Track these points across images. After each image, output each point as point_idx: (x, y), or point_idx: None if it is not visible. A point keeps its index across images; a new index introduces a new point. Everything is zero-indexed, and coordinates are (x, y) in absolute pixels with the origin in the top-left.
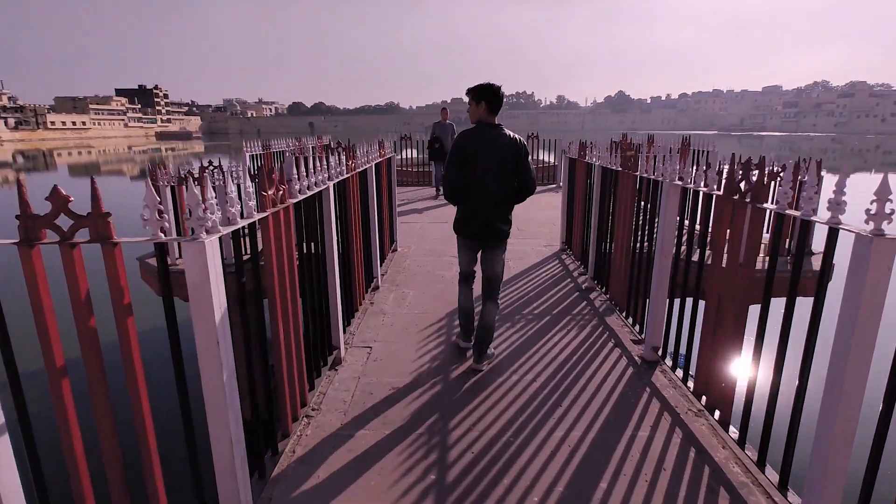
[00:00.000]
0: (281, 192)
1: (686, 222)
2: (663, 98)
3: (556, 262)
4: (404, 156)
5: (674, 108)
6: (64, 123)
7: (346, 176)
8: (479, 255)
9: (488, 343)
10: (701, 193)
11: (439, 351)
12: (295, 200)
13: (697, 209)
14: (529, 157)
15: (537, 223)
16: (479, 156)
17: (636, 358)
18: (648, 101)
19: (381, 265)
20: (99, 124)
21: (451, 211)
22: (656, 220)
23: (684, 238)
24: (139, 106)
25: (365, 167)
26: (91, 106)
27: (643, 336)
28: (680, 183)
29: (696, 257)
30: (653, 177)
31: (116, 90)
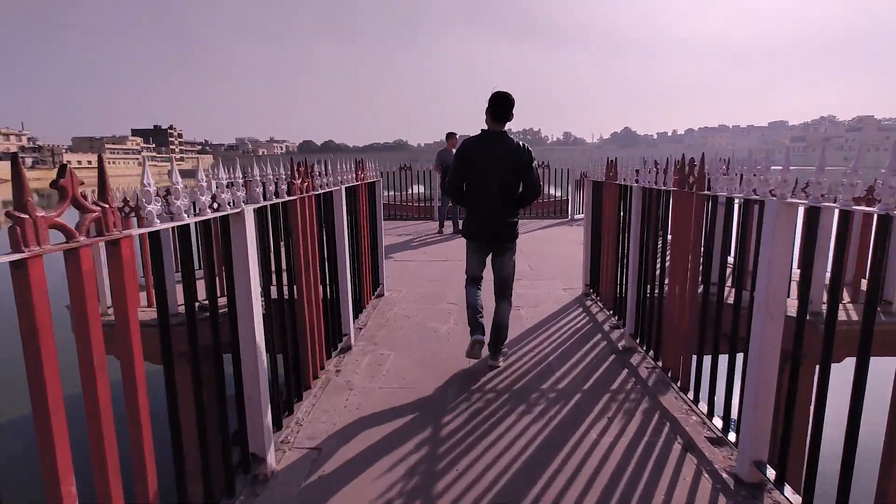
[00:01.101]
0: (103, 212)
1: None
2: (669, 134)
3: (579, 311)
4: (410, 190)
5: (681, 143)
6: (80, 163)
7: (282, 200)
8: (489, 258)
9: (503, 340)
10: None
11: (422, 456)
12: (148, 230)
13: (848, 242)
14: (534, 164)
15: (553, 261)
16: (482, 162)
17: (724, 475)
18: (655, 136)
19: (356, 318)
20: (114, 163)
21: (453, 248)
22: (744, 257)
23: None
24: (154, 145)
25: (329, 190)
26: (107, 146)
27: (733, 438)
28: (803, 201)
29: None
30: (742, 196)
31: (132, 130)
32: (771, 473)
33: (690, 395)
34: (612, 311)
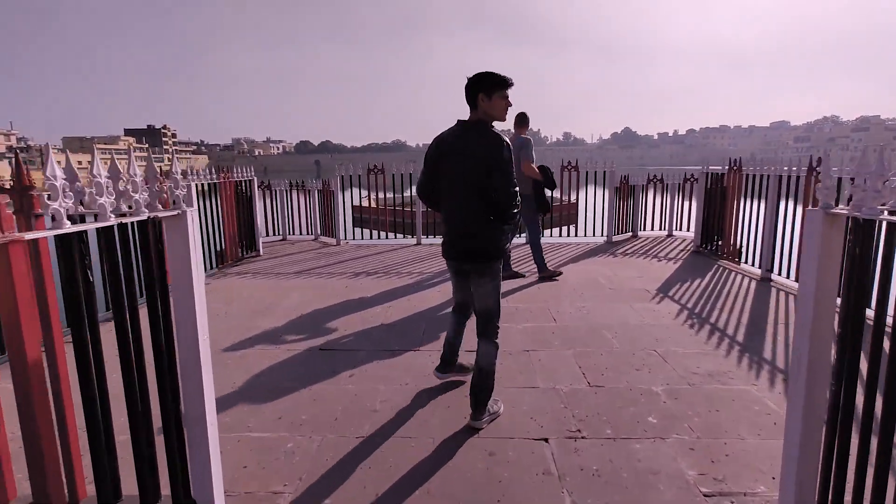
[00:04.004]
0: None
1: None
2: (670, 134)
3: None
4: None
5: (682, 143)
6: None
7: None
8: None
9: (485, 391)
10: None
11: None
12: None
13: None
14: (509, 161)
15: (637, 363)
16: (449, 158)
17: None
18: (655, 136)
19: None
20: (105, 164)
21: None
22: None
23: None
24: (147, 145)
25: None
26: (98, 146)
27: None
28: None
29: None
30: None
31: (125, 130)
32: None
33: None
34: None
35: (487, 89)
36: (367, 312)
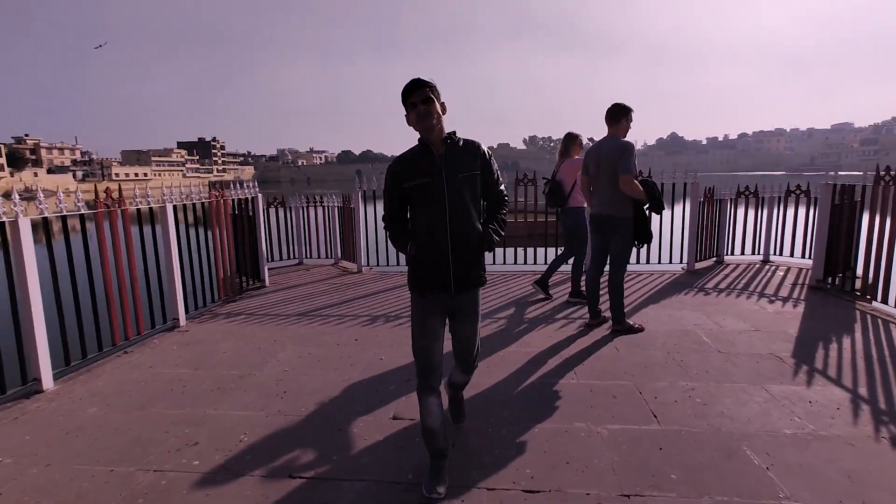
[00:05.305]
0: None
1: None
2: (720, 139)
3: None
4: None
5: (733, 148)
6: (127, 175)
7: None
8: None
9: None
10: None
11: None
12: None
13: None
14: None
15: None
16: None
17: None
18: (704, 142)
19: None
20: (159, 175)
21: None
22: None
23: None
24: (197, 157)
25: None
26: (153, 158)
27: None
28: None
29: None
30: None
31: (178, 143)
32: None
33: None
34: None
35: None
36: (375, 396)
